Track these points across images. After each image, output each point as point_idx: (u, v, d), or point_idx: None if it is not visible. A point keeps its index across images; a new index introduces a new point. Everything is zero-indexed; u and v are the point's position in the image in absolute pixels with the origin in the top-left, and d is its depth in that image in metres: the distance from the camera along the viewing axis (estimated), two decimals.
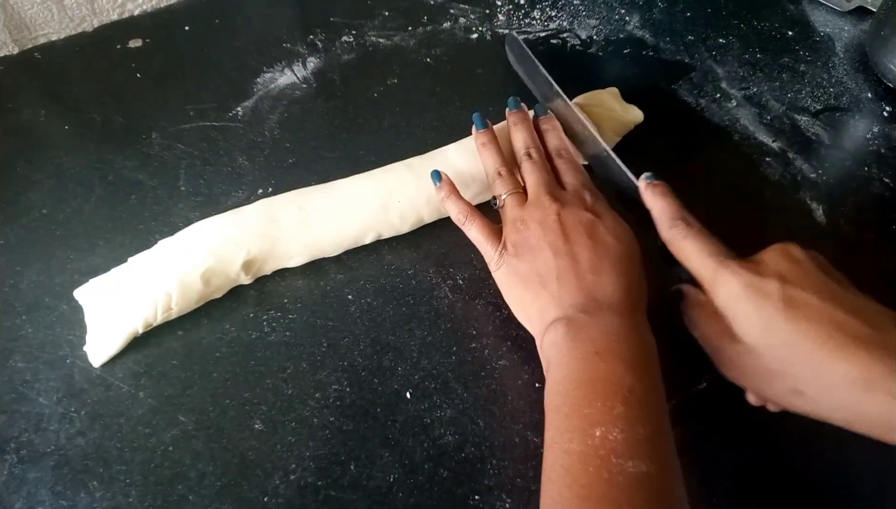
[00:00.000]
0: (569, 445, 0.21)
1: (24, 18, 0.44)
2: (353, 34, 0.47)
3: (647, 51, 0.47)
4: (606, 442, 0.20)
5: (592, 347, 0.23)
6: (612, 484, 0.20)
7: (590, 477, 0.20)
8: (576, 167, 0.32)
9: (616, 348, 0.23)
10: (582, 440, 0.21)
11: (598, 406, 0.21)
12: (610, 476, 0.20)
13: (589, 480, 0.20)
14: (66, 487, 0.27)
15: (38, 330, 0.31)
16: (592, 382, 0.22)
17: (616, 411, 0.21)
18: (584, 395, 0.22)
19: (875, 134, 0.43)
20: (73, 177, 0.38)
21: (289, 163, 0.39)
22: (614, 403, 0.21)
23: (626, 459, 0.20)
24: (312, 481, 0.27)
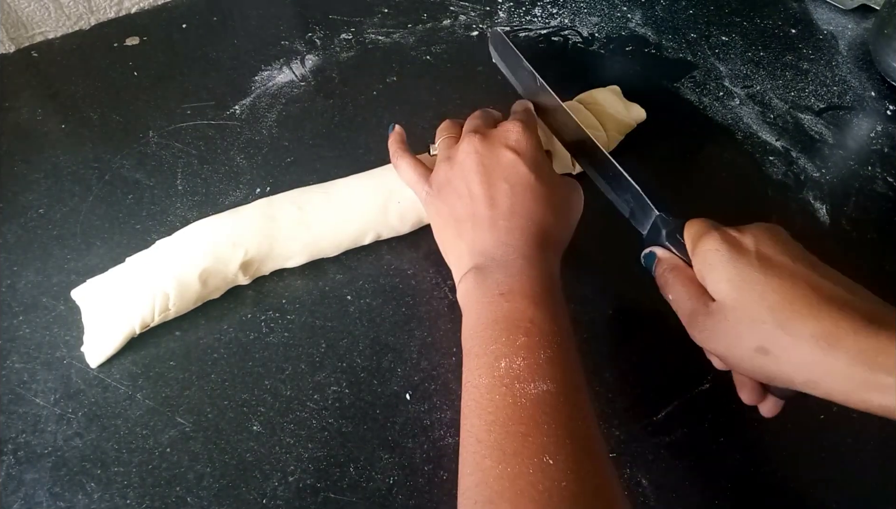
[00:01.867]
0: (478, 380, 0.23)
1: (20, 16, 0.43)
2: (352, 32, 0.46)
3: (649, 48, 0.47)
4: (511, 371, 0.22)
5: (497, 290, 0.24)
6: (516, 406, 0.21)
7: (496, 404, 0.22)
8: (520, 118, 0.31)
9: (519, 287, 0.24)
10: (489, 373, 0.22)
11: (502, 340, 0.23)
12: (514, 399, 0.21)
13: (495, 406, 0.22)
14: (64, 488, 0.27)
15: (35, 330, 0.31)
16: (497, 321, 0.24)
17: (519, 342, 0.23)
18: (490, 334, 0.23)
19: (878, 133, 0.43)
20: (71, 177, 0.37)
21: (287, 162, 0.39)
22: (517, 335, 0.23)
23: (528, 382, 0.22)
24: (311, 483, 0.27)
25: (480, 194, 0.27)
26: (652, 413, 0.30)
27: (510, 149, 0.28)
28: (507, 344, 0.23)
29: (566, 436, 0.21)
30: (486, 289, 0.25)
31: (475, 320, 0.24)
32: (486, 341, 0.23)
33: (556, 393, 0.22)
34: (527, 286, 0.24)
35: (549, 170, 0.29)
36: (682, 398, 0.30)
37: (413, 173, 0.31)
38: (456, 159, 0.29)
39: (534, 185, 0.27)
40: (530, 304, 0.24)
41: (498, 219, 0.27)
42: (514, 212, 0.27)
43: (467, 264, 0.26)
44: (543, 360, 0.22)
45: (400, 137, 0.33)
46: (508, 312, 0.24)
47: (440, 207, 0.29)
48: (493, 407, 0.22)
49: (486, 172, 0.28)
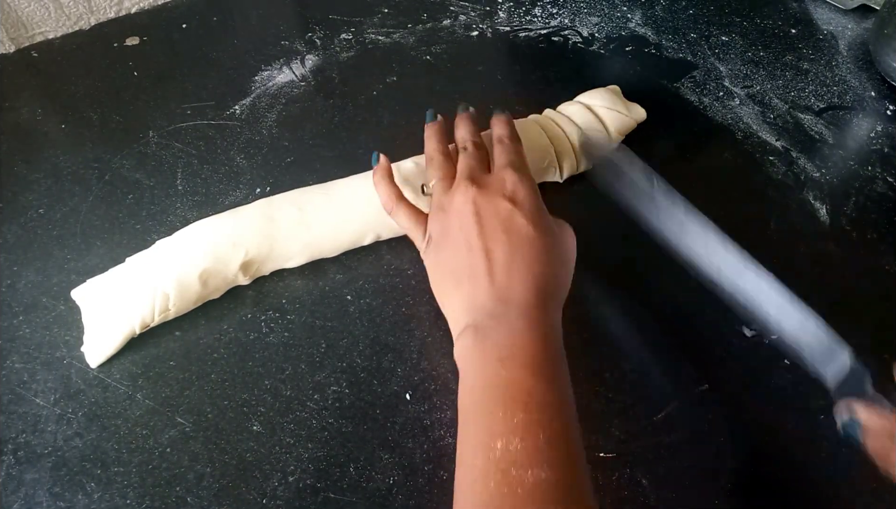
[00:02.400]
0: (473, 460, 0.22)
1: (20, 16, 0.43)
2: (352, 32, 0.46)
3: (649, 48, 0.47)
4: (507, 455, 0.21)
5: (496, 354, 0.23)
6: (511, 496, 0.20)
7: (490, 493, 0.20)
8: (510, 150, 0.30)
9: (518, 353, 0.23)
10: (485, 454, 0.21)
11: (499, 416, 0.22)
12: (509, 488, 0.20)
13: (490, 495, 0.20)
14: (64, 488, 0.27)
15: (35, 330, 0.31)
16: (494, 390, 0.23)
17: (516, 419, 0.21)
18: (486, 406, 0.22)
19: (879, 133, 0.42)
20: (71, 177, 0.37)
21: (287, 162, 0.39)
22: (515, 411, 0.22)
23: (525, 469, 0.20)
24: (311, 483, 0.27)
25: (478, 247, 0.26)
26: (652, 413, 0.30)
27: (507, 200, 0.27)
28: (504, 420, 0.22)
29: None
30: (484, 351, 0.24)
31: (471, 386, 0.24)
32: (481, 413, 0.22)
33: (555, 481, 0.20)
34: (527, 351, 0.23)
35: (546, 219, 0.28)
36: (682, 398, 0.30)
37: (410, 222, 0.30)
38: (452, 209, 0.28)
39: (532, 237, 0.27)
40: (529, 375, 0.23)
41: (497, 274, 0.26)
42: (512, 267, 0.26)
43: (465, 320, 0.26)
44: (542, 442, 0.21)
45: (387, 172, 0.31)
46: (507, 382, 0.23)
47: (437, 259, 0.28)
48: (488, 496, 0.20)
49: (483, 224, 0.27)
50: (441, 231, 0.28)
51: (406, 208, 0.30)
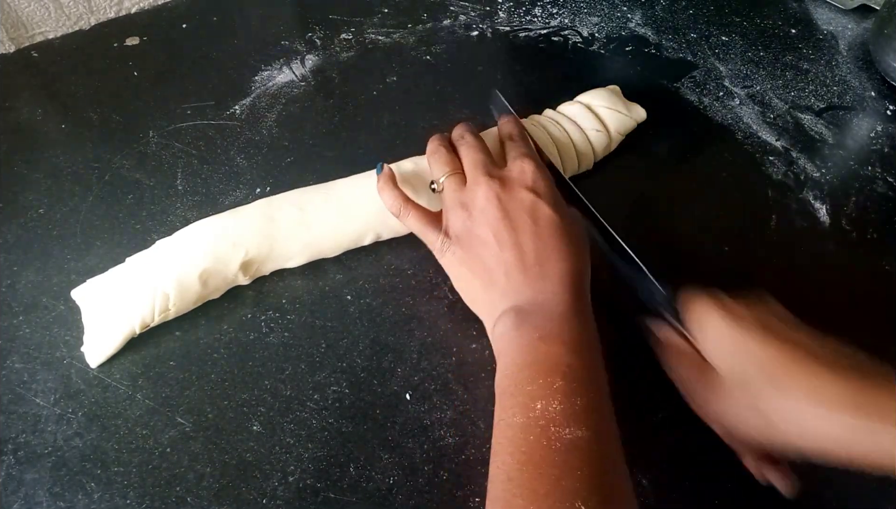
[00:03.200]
0: (512, 419, 0.23)
1: (20, 16, 0.43)
2: (352, 32, 0.46)
3: (649, 48, 0.47)
4: (546, 414, 0.22)
5: (536, 333, 0.24)
6: (550, 449, 0.21)
7: (530, 445, 0.22)
8: (521, 143, 0.31)
9: (557, 331, 0.24)
10: (524, 413, 0.22)
11: (539, 382, 0.23)
12: (548, 442, 0.21)
13: (529, 447, 0.22)
14: (64, 488, 0.27)
15: (35, 330, 0.31)
16: (536, 364, 0.24)
17: (556, 385, 0.23)
18: (527, 375, 0.23)
19: (879, 133, 0.42)
20: (71, 177, 0.37)
21: (287, 162, 0.39)
22: (554, 379, 0.23)
23: (563, 427, 0.22)
24: (311, 483, 0.27)
25: (508, 241, 0.27)
26: (652, 413, 0.30)
27: (530, 191, 0.28)
28: (544, 386, 0.23)
29: (599, 484, 0.21)
30: (525, 331, 0.24)
31: (511, 361, 0.24)
32: (522, 382, 0.23)
33: (590, 440, 0.22)
34: (565, 331, 0.24)
35: (565, 206, 0.29)
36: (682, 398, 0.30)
37: (421, 223, 0.30)
38: (475, 206, 0.28)
39: (559, 225, 0.27)
40: (569, 351, 0.24)
41: (530, 266, 0.26)
42: (544, 257, 0.27)
43: (502, 307, 0.26)
44: (579, 407, 0.22)
45: (392, 181, 0.31)
46: (546, 356, 0.24)
47: (463, 257, 0.28)
48: (527, 447, 0.21)
49: (510, 218, 0.27)
50: (464, 229, 0.28)
51: (416, 210, 0.30)
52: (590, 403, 0.22)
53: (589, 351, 0.25)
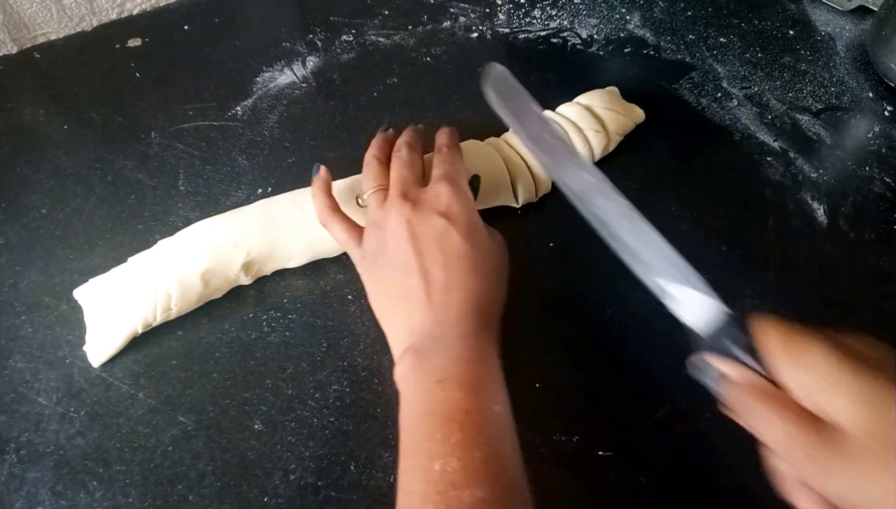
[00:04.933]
0: (411, 486, 0.22)
1: (23, 18, 0.44)
2: (352, 33, 0.47)
3: (647, 50, 0.47)
4: (445, 476, 0.21)
5: (434, 376, 0.23)
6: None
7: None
8: (448, 159, 0.30)
9: (456, 374, 0.23)
10: (423, 477, 0.21)
11: (437, 437, 0.22)
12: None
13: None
14: (66, 487, 0.27)
15: (37, 330, 0.31)
16: (432, 414, 0.22)
17: (453, 440, 0.21)
18: (424, 429, 0.22)
19: (876, 133, 0.43)
20: (73, 177, 0.38)
21: (288, 162, 0.39)
22: (452, 431, 0.22)
23: (462, 489, 0.20)
24: (312, 481, 0.27)
25: (415, 267, 0.26)
26: (651, 412, 0.30)
27: (441, 216, 0.27)
28: (443, 441, 0.21)
29: None
30: (423, 374, 0.23)
31: (410, 410, 0.24)
32: (420, 437, 0.22)
33: (492, 501, 0.20)
34: (464, 372, 0.23)
35: (481, 232, 0.28)
36: (681, 397, 0.30)
37: (344, 235, 0.29)
38: (387, 228, 0.27)
39: (468, 254, 0.26)
40: (467, 394, 0.23)
41: (434, 295, 0.25)
42: (449, 286, 0.26)
43: (405, 342, 0.25)
44: (479, 461, 0.21)
45: (325, 185, 0.31)
46: (444, 403, 0.22)
47: (375, 276, 0.28)
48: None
49: (419, 243, 0.26)
50: (377, 249, 0.28)
51: (340, 220, 0.30)
52: (491, 455, 0.21)
53: (491, 389, 0.23)
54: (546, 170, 0.32)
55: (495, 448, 0.22)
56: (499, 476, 0.21)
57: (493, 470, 0.21)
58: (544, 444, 0.29)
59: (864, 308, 0.34)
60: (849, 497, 0.18)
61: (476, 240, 0.27)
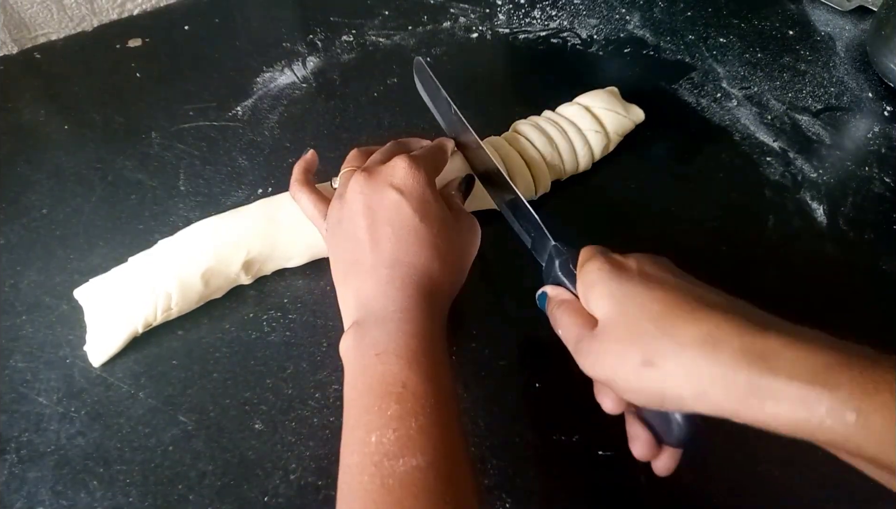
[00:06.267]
0: (350, 459, 0.22)
1: (23, 18, 0.44)
2: (353, 34, 0.47)
3: (647, 50, 0.47)
4: (381, 446, 0.21)
5: (373, 350, 0.23)
6: (383, 488, 0.20)
7: (364, 487, 0.20)
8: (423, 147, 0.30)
9: (394, 347, 0.23)
10: (360, 450, 0.21)
11: (374, 410, 0.22)
12: (382, 480, 0.20)
13: (364, 490, 0.20)
14: (67, 487, 0.27)
15: (38, 329, 0.31)
16: (371, 387, 0.23)
17: (390, 411, 0.22)
18: (363, 403, 0.23)
19: (876, 134, 0.43)
20: (73, 177, 0.38)
21: (289, 162, 0.39)
22: (388, 403, 0.22)
23: (397, 459, 0.20)
24: (313, 481, 0.27)
25: (365, 238, 0.26)
26: None
27: (395, 189, 0.26)
28: (379, 414, 0.22)
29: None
30: (364, 348, 0.24)
31: (350, 384, 0.24)
32: (360, 411, 0.22)
33: (426, 468, 0.20)
34: (402, 344, 0.23)
35: (437, 210, 0.27)
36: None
37: (312, 208, 0.29)
38: (346, 199, 0.27)
39: (418, 229, 0.26)
40: (404, 366, 0.23)
41: (380, 267, 0.25)
42: (396, 260, 0.25)
43: (352, 314, 0.26)
44: (415, 430, 0.21)
45: (307, 165, 0.31)
46: (382, 376, 0.23)
47: (333, 247, 0.28)
48: (363, 492, 0.20)
49: (371, 214, 0.26)
50: (335, 219, 0.28)
51: (309, 193, 0.30)
52: (426, 424, 0.21)
53: (430, 362, 0.23)
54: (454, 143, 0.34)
55: (432, 418, 0.22)
56: (436, 444, 0.21)
57: (430, 439, 0.21)
58: (544, 444, 0.29)
59: (863, 308, 0.34)
60: (608, 378, 0.22)
61: (429, 215, 0.27)
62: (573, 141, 0.37)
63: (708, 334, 0.20)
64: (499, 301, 0.33)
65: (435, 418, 0.22)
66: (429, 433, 0.21)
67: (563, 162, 0.37)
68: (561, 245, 0.27)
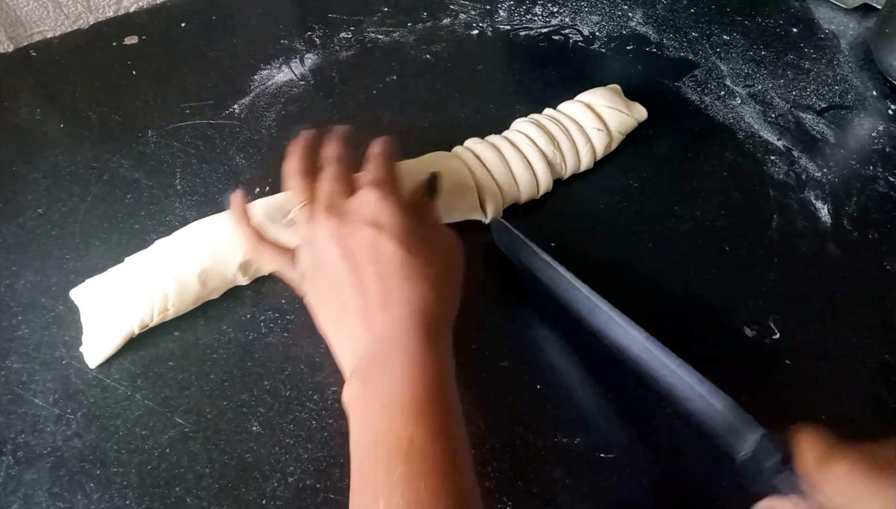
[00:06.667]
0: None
1: (19, 16, 0.43)
2: (351, 30, 0.46)
3: (650, 47, 0.47)
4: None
5: (378, 401, 0.22)
6: None
7: None
8: (377, 166, 0.28)
9: (399, 397, 0.22)
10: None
11: (381, 471, 0.21)
12: None
13: None
14: (63, 489, 0.27)
15: (34, 330, 0.31)
16: (377, 444, 0.22)
17: (397, 473, 0.20)
18: (369, 463, 0.22)
19: (880, 132, 0.42)
20: (69, 177, 0.37)
21: None
22: (395, 463, 0.21)
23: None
24: (311, 483, 0.27)
25: (350, 283, 0.24)
26: (652, 415, 0.30)
27: (370, 226, 0.25)
28: (386, 476, 0.21)
29: None
30: (368, 398, 0.23)
31: (358, 439, 0.23)
32: (366, 470, 0.22)
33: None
34: (408, 394, 0.22)
35: (417, 235, 0.26)
36: None
37: (276, 261, 0.28)
38: (317, 244, 0.26)
39: (405, 262, 0.24)
40: (411, 419, 0.21)
41: (373, 312, 0.24)
42: (388, 300, 0.24)
43: (351, 363, 0.24)
44: (424, 493, 0.20)
45: (243, 215, 0.29)
46: (387, 432, 0.21)
47: (315, 297, 0.26)
48: None
49: (351, 257, 0.25)
50: (312, 267, 0.26)
51: (269, 248, 0.28)
52: (437, 484, 0.20)
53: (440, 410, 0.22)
54: None
55: (442, 476, 0.21)
56: (446, 504, 0.20)
57: (441, 499, 0.20)
58: (546, 446, 0.28)
59: (867, 307, 0.34)
60: None
61: (412, 245, 0.25)
62: (575, 139, 0.37)
63: None
64: (500, 301, 0.33)
65: (445, 477, 0.21)
66: (438, 494, 0.20)
67: (565, 160, 0.37)
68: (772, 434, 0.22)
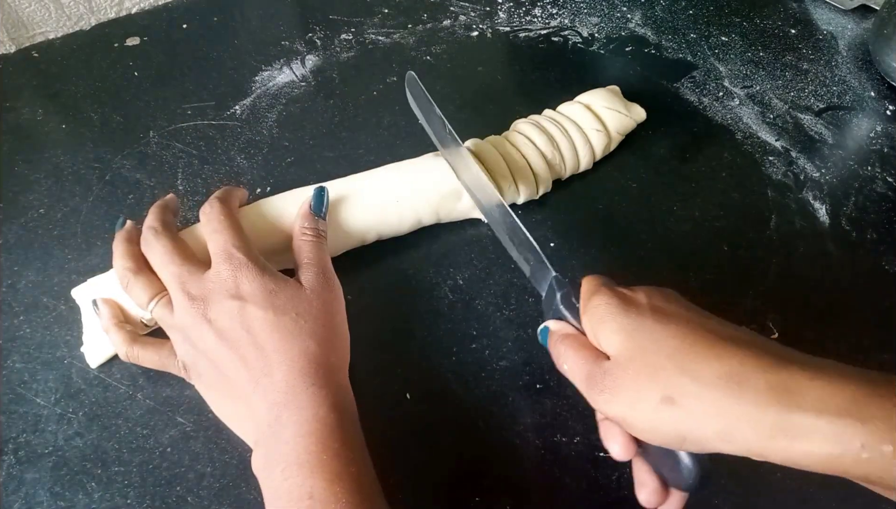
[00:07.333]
0: None
1: (21, 17, 0.43)
2: (352, 32, 0.46)
3: (649, 49, 0.47)
4: None
5: (279, 467, 0.23)
6: None
7: None
8: (215, 228, 0.28)
9: (295, 456, 0.22)
10: None
11: None
12: None
13: None
14: (65, 488, 0.27)
15: (35, 330, 0.31)
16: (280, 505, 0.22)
17: None
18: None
19: (878, 133, 0.43)
20: (71, 177, 0.38)
21: (287, 162, 0.39)
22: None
23: None
24: None
25: (232, 360, 0.25)
26: None
27: (232, 299, 0.25)
28: None
29: None
30: (270, 467, 0.23)
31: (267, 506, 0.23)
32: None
33: None
34: (301, 450, 0.22)
35: (284, 294, 0.26)
36: None
37: (156, 358, 0.27)
38: (190, 333, 0.25)
39: (276, 323, 0.25)
40: (307, 475, 0.22)
41: (259, 380, 0.24)
42: (270, 365, 0.24)
43: (253, 436, 0.25)
44: None
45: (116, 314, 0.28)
46: (289, 492, 0.22)
47: (204, 383, 0.26)
48: None
49: (225, 336, 0.25)
50: (191, 357, 0.26)
51: (145, 347, 0.28)
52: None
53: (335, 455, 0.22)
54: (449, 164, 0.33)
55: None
56: None
57: None
58: (544, 446, 0.29)
59: (866, 308, 0.34)
60: (624, 415, 0.21)
61: (278, 305, 0.25)
62: (574, 140, 0.37)
63: (731, 371, 0.19)
64: (499, 301, 0.33)
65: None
66: None
67: (565, 161, 0.37)
68: (562, 276, 0.27)
